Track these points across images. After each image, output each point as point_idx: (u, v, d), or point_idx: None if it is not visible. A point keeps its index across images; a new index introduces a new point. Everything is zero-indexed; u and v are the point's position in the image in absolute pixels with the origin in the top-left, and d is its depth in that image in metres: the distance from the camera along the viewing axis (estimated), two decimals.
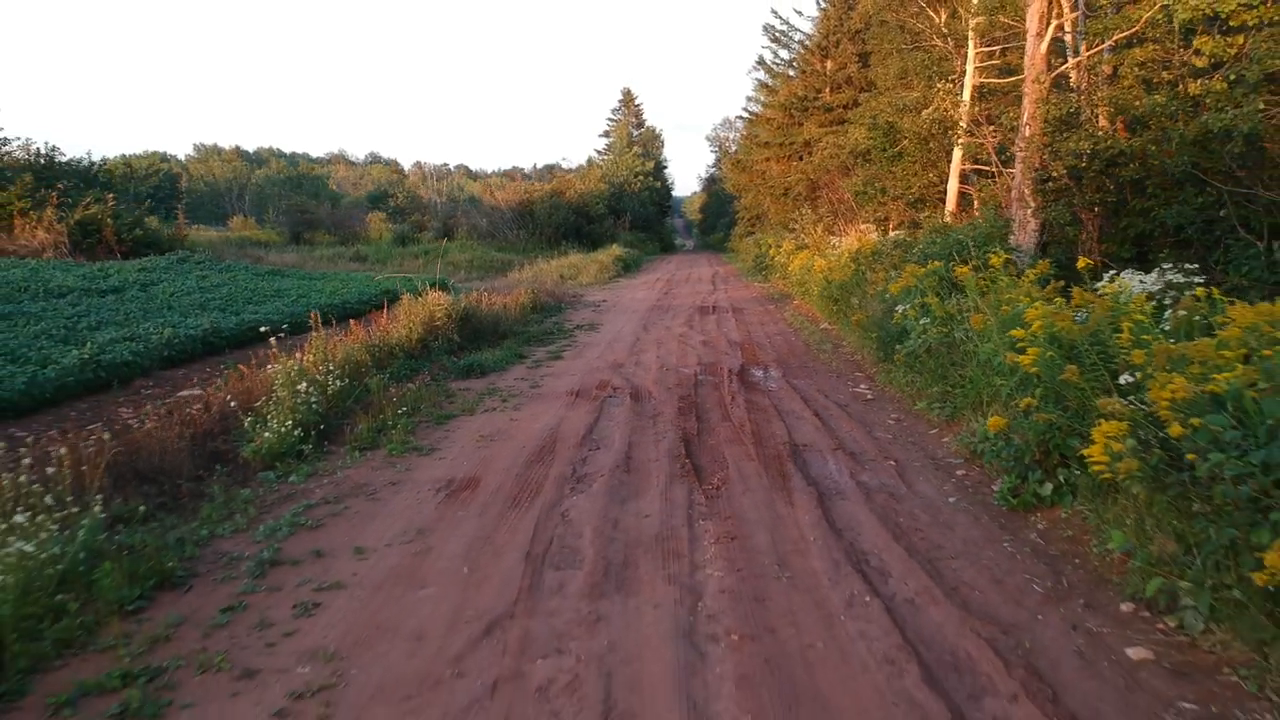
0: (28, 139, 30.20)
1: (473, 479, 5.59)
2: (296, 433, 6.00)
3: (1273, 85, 8.35)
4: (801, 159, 31.33)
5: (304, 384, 6.36)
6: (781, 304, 16.96)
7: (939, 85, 14.53)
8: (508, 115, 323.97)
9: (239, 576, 4.07)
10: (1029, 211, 11.31)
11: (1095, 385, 4.63)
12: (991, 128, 13.88)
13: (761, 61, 37.42)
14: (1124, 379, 4.52)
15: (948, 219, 15.47)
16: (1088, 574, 4.11)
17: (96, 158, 26.68)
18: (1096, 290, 6.07)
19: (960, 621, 3.61)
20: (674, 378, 9.01)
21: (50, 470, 4.10)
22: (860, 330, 10.09)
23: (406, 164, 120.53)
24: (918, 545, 4.46)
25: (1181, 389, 3.70)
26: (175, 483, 5.29)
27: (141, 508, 4.32)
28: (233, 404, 6.14)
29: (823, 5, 33.67)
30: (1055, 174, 10.72)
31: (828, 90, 32.78)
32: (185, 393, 8.91)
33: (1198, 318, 5.04)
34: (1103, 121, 11.70)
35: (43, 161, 23.94)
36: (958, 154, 16.24)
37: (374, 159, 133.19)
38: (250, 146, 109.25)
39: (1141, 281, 6.09)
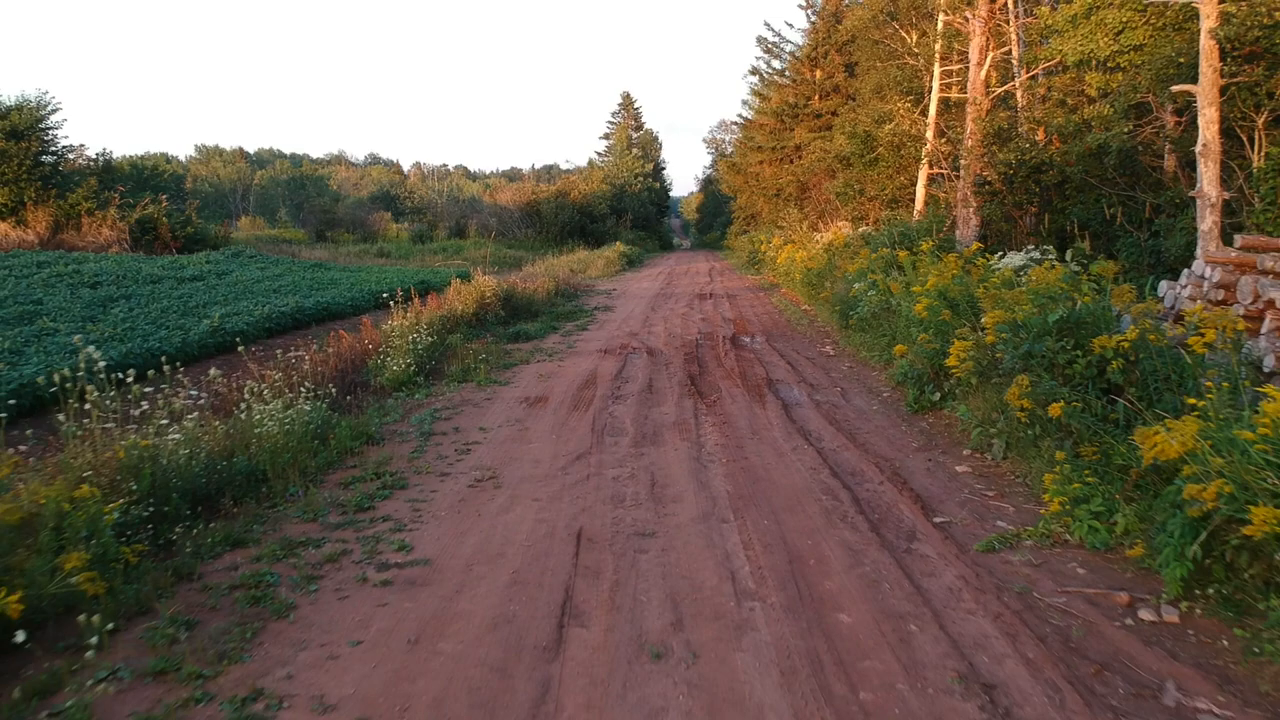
0: (81, 144, 32.43)
1: (543, 397, 7.97)
2: (411, 369, 8.38)
3: (1140, 113, 10.72)
4: (792, 162, 33.70)
5: (412, 336, 8.73)
6: (770, 292, 19.33)
7: (899, 104, 16.89)
8: (506, 116, 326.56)
9: (411, 440, 6.45)
10: (971, 210, 13.73)
11: (965, 323, 7.01)
12: (944, 139, 16.26)
13: (755, 70, 39.75)
14: (984, 320, 6.89)
15: (916, 217, 17.85)
16: (949, 440, 6.48)
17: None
18: (992, 267, 8.48)
19: (860, 456, 5.98)
20: (680, 341, 11.39)
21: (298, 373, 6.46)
22: (828, 306, 12.48)
23: (405, 164, 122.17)
24: (844, 427, 6.84)
25: (999, 316, 6.09)
26: (335, 398, 7.64)
27: (349, 396, 6.67)
28: (370, 345, 8.52)
29: (812, 19, 36.04)
30: (990, 179, 13.11)
31: (817, 97, 35.11)
32: (292, 353, 11.27)
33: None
34: (1040, 135, 14.11)
35: (101, 165, 26.27)
36: (923, 162, 18.63)
37: (373, 160, 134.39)
38: (251, 147, 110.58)
39: (1016, 258, 8.47)
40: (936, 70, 18.27)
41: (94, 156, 26.22)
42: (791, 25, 70.91)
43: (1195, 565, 3.70)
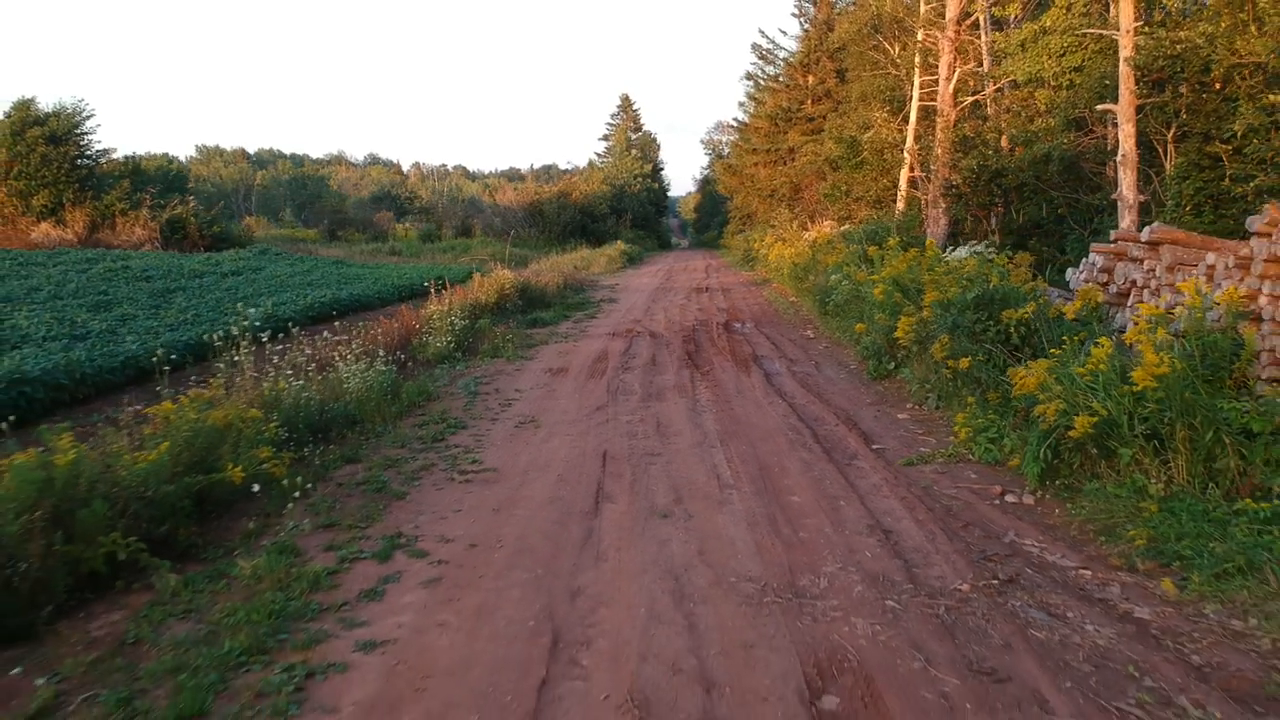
0: (113, 148, 33.81)
1: (564, 368, 9.50)
2: (451, 345, 9.89)
3: (1080, 126, 12.24)
4: (786, 164, 35.21)
5: (450, 319, 10.24)
6: (762, 286, 20.85)
7: (878, 113, 18.39)
8: (504, 116, 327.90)
9: (461, 398, 7.96)
10: (940, 210, 15.25)
11: (911, 304, 8.52)
12: (919, 145, 17.77)
13: (750, 76, 41.29)
14: (924, 300, 8.41)
15: (897, 216, 19.35)
16: (898, 398, 7.99)
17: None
18: (941, 258, 10.00)
19: (823, 408, 7.50)
20: (678, 327, 12.91)
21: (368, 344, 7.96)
22: (811, 296, 14.01)
23: (405, 164, 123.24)
24: (813, 389, 8.35)
25: (934, 296, 7.61)
26: (401, 364, 9.14)
27: (409, 362, 8.19)
28: (418, 327, 10.04)
29: (805, 26, 37.57)
30: (956, 183, 14.62)
31: (809, 102, 36.60)
32: (335, 338, 12.76)
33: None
34: (1004, 143, 15.61)
35: (131, 168, 27.76)
36: (904, 166, 20.13)
37: (373, 160, 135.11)
38: (251, 148, 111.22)
39: (963, 251, 9.98)
40: (916, 80, 19.76)
41: (124, 159, 27.77)
42: (785, 33, 72.59)
43: (1046, 464, 5.22)
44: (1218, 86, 10.00)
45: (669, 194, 73.00)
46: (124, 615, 3.68)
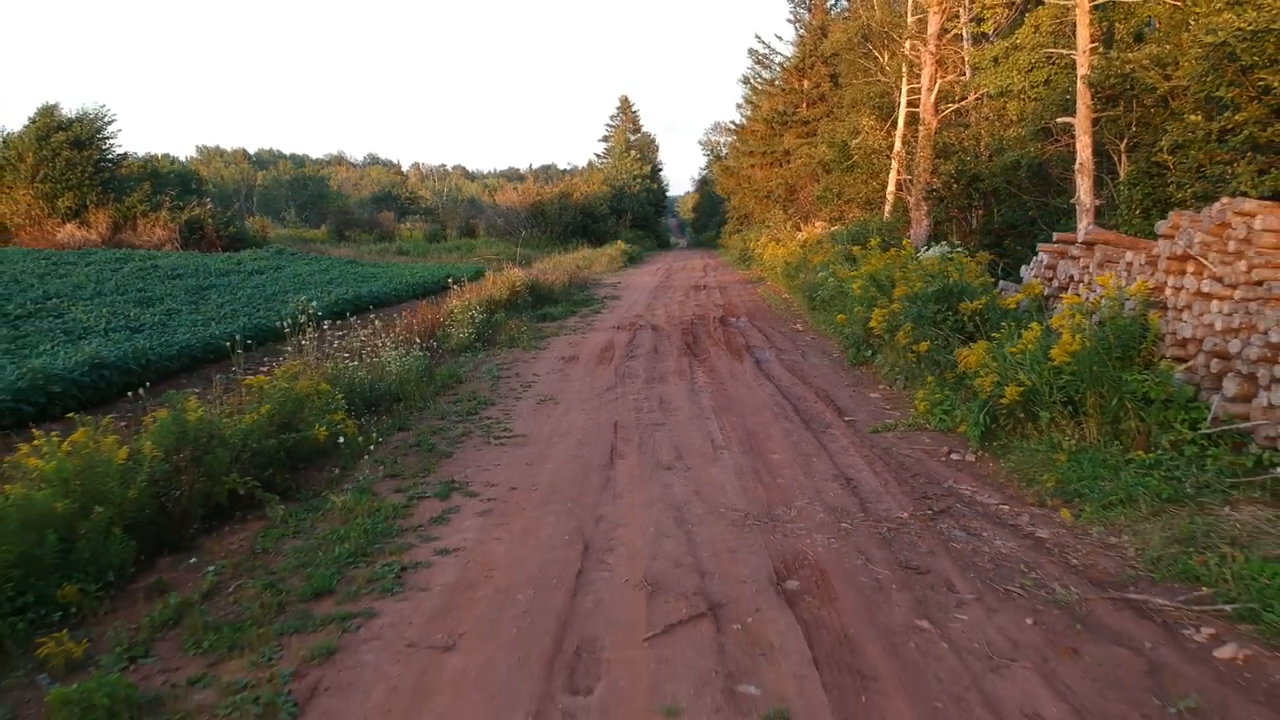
0: (134, 151, 34.77)
1: (575, 356, 10.55)
2: (472, 336, 10.94)
3: (1047, 134, 13.28)
4: (782, 166, 36.24)
5: (471, 313, 11.28)
6: (757, 284, 21.90)
7: (866, 119, 19.43)
8: (503, 116, 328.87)
9: (486, 381, 9.01)
10: (922, 213, 16.30)
11: (885, 297, 9.58)
12: (905, 150, 18.82)
13: (747, 80, 42.34)
14: (895, 293, 9.45)
15: (886, 218, 20.38)
16: (872, 381, 9.04)
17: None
18: (916, 256, 11.06)
19: (805, 389, 8.55)
20: (678, 321, 13.96)
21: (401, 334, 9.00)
22: (801, 292, 15.07)
23: (404, 164, 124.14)
24: (798, 374, 9.40)
25: (903, 290, 8.66)
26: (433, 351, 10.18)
27: (438, 349, 9.24)
28: (442, 320, 11.08)
29: (800, 32, 38.64)
30: (936, 187, 15.67)
31: (804, 105, 37.60)
32: (361, 331, 13.78)
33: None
34: (983, 148, 16.62)
35: (150, 170, 28.80)
36: (892, 169, 21.17)
37: (372, 160, 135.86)
38: (251, 148, 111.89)
39: (935, 250, 11.04)
40: (904, 88, 20.80)
41: (142, 162, 28.77)
42: (781, 38, 74.06)
43: (985, 428, 6.27)
44: (1171, 101, 11.04)
45: (668, 194, 74.01)
46: (248, 535, 4.73)
